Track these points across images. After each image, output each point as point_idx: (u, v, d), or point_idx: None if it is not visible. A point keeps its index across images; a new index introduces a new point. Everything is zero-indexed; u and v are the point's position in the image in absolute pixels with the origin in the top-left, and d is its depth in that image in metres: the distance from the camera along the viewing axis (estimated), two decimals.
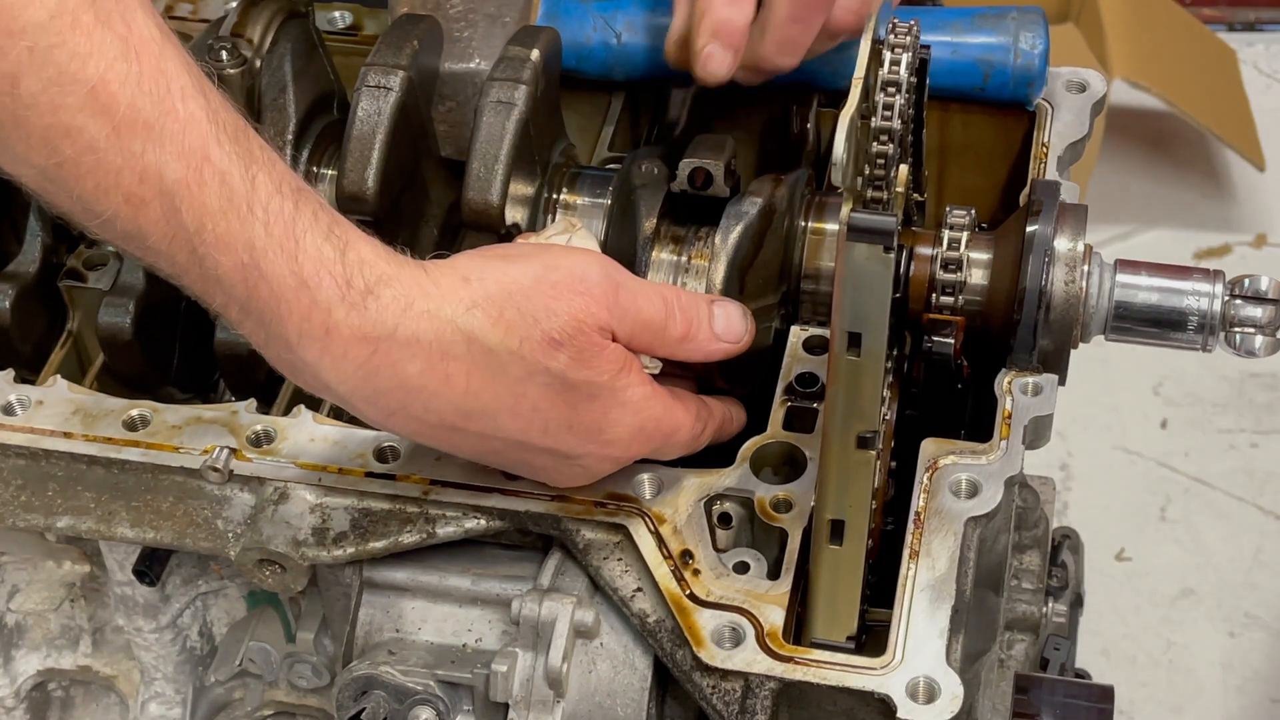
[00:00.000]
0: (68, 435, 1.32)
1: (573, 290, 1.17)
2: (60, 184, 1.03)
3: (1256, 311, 1.26)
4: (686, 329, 1.23)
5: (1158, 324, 1.29)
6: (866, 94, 1.13)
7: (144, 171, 1.03)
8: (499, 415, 1.16)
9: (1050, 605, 1.79)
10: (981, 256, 1.30)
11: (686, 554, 1.23)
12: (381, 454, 1.30)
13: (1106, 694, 1.55)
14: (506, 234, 1.40)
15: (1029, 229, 1.28)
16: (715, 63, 1.36)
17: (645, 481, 1.26)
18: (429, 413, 1.15)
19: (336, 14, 1.67)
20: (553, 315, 1.15)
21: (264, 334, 1.11)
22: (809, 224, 1.40)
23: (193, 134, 1.04)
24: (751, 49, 1.38)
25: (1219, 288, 1.27)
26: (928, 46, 1.36)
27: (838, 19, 1.35)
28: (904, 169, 1.29)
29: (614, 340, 1.19)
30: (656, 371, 1.24)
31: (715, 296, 1.29)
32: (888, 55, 1.17)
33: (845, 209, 1.08)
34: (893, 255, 1.06)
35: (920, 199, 1.43)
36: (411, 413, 1.15)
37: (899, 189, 1.28)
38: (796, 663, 1.17)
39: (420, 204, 1.45)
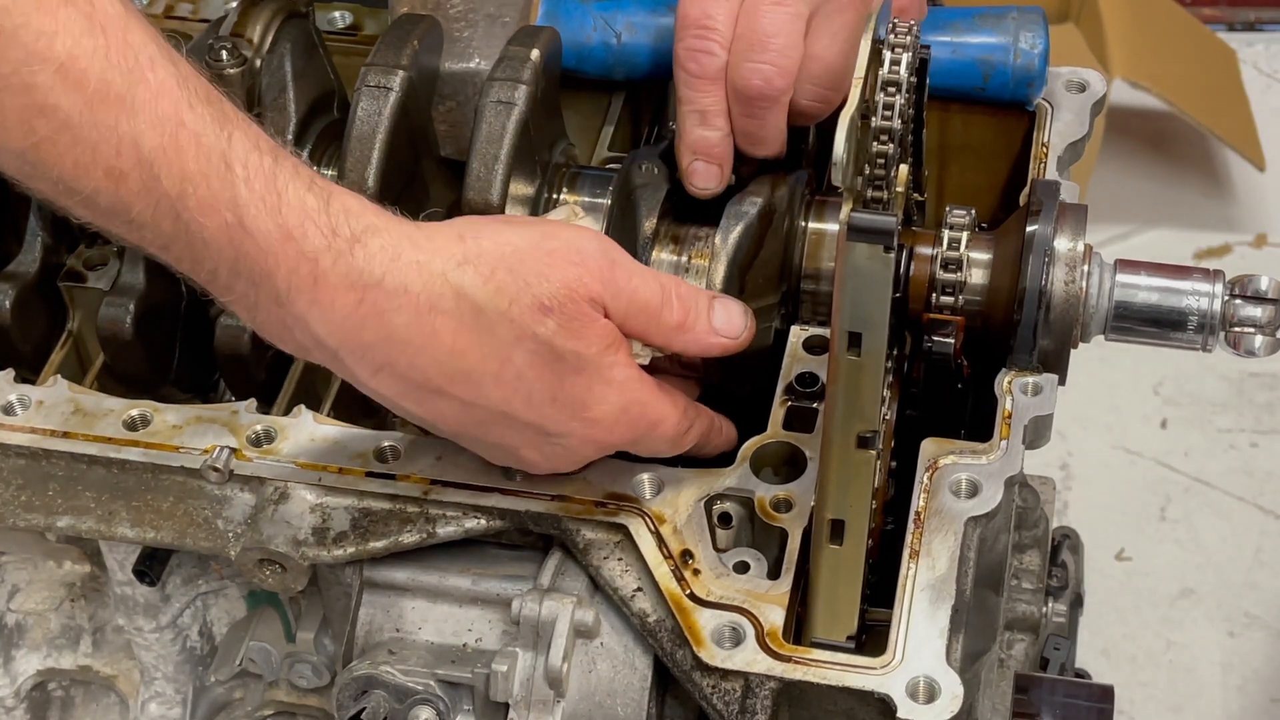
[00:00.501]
0: (68, 435, 1.32)
1: (567, 260, 1.16)
2: (39, 166, 1.03)
3: (1256, 311, 1.26)
4: (684, 318, 1.23)
5: (1158, 324, 1.29)
6: (866, 93, 1.13)
7: (120, 143, 1.03)
8: (483, 380, 1.15)
9: (1050, 605, 1.79)
10: (981, 256, 1.30)
11: (686, 554, 1.23)
12: (381, 454, 1.30)
13: (1106, 694, 1.55)
14: None
15: (1029, 229, 1.28)
16: (701, 177, 1.38)
17: (645, 481, 1.26)
18: (414, 370, 1.14)
19: (336, 14, 1.67)
20: (544, 280, 1.15)
21: (254, 294, 1.10)
22: (809, 224, 1.40)
23: (165, 101, 1.04)
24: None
25: (1219, 287, 1.28)
26: (928, 46, 1.36)
27: (800, 106, 1.37)
28: (904, 169, 1.29)
29: (606, 317, 1.18)
30: (646, 361, 1.23)
31: (716, 293, 1.28)
32: (888, 55, 1.17)
33: (845, 209, 1.08)
34: (893, 255, 1.06)
35: (920, 199, 1.43)
36: (397, 369, 1.14)
37: (899, 189, 1.28)
38: (796, 662, 1.17)
39: (420, 204, 1.45)
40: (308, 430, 1.32)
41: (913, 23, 1.19)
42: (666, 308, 1.22)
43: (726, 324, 1.25)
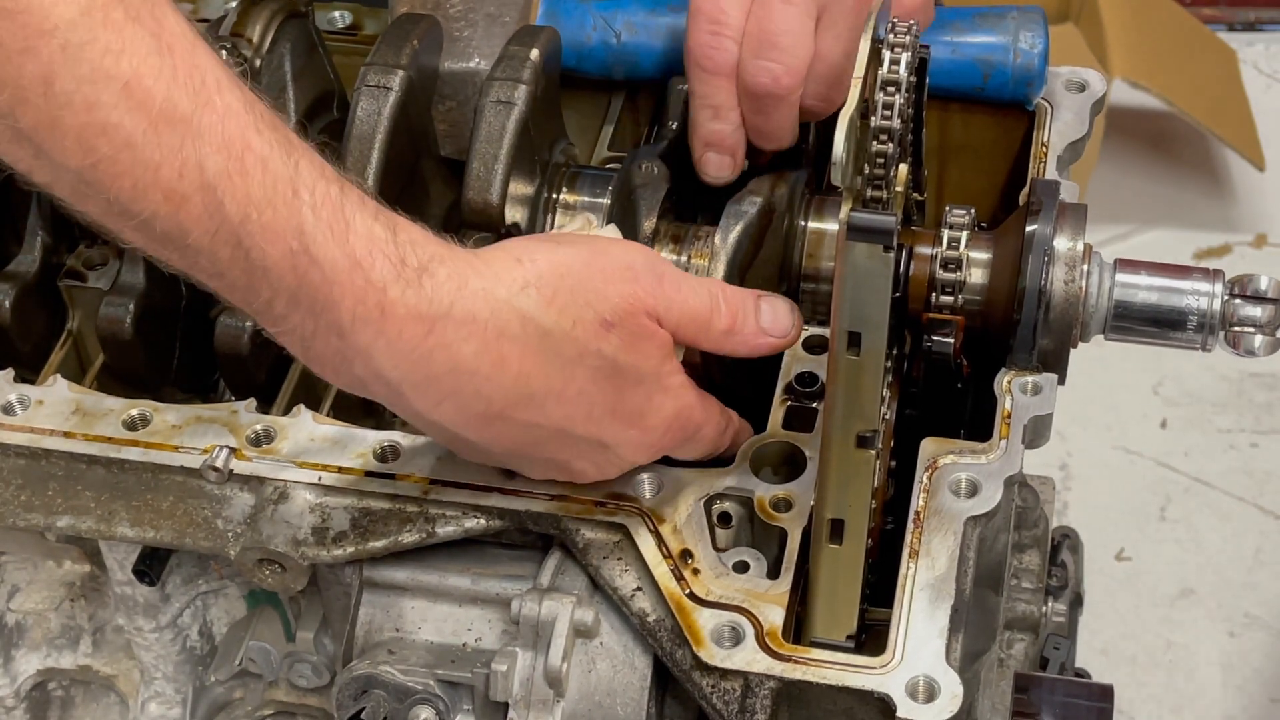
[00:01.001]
0: (68, 435, 1.32)
1: (621, 276, 1.17)
2: (96, 186, 1.01)
3: (1256, 311, 1.26)
4: (732, 322, 1.23)
5: (1157, 323, 1.29)
6: (866, 93, 1.13)
7: (183, 165, 1.01)
8: (547, 401, 1.15)
9: (1050, 605, 1.79)
10: (981, 256, 1.30)
11: (686, 553, 1.23)
12: (381, 453, 1.29)
13: (1106, 693, 1.55)
14: (506, 233, 1.40)
15: (1029, 228, 1.27)
16: (714, 167, 1.40)
17: (645, 481, 1.26)
18: (478, 399, 1.13)
19: (336, 14, 1.67)
20: (604, 299, 1.15)
21: (313, 325, 1.08)
22: (809, 223, 1.40)
23: (231, 124, 1.02)
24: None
25: (1219, 287, 1.27)
26: (927, 46, 1.36)
27: (806, 105, 1.38)
28: (904, 168, 1.29)
29: (660, 328, 1.19)
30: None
31: (762, 292, 1.28)
32: (887, 54, 1.17)
33: (845, 208, 1.08)
34: (892, 255, 1.06)
35: (920, 198, 1.43)
36: (461, 400, 1.13)
37: (899, 188, 1.28)
38: (796, 662, 1.17)
39: (420, 204, 1.45)
40: (307, 430, 1.32)
41: (912, 22, 1.19)
42: (716, 314, 1.22)
43: (774, 323, 1.25)
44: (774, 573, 1.23)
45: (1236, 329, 1.27)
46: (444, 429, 1.17)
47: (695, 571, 1.22)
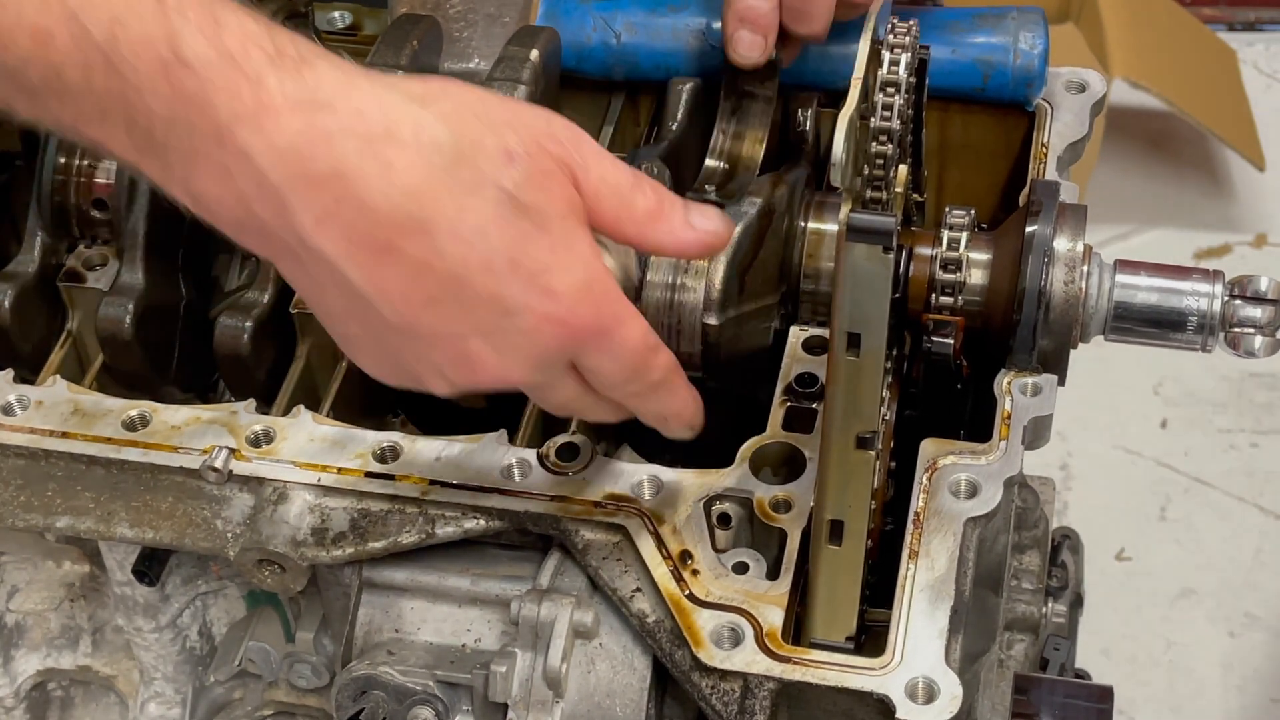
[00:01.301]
0: (67, 435, 1.32)
1: (536, 115, 1.11)
2: None
3: (1256, 312, 1.26)
4: (658, 206, 1.13)
5: (1157, 324, 1.29)
6: (866, 94, 1.13)
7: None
8: (439, 231, 1.05)
9: (1050, 605, 1.79)
10: (981, 257, 1.30)
11: (685, 554, 1.23)
12: (381, 454, 1.30)
13: (1106, 694, 1.55)
14: None
15: (1028, 229, 1.28)
16: (745, 45, 1.39)
17: (644, 482, 1.26)
18: (364, 214, 1.03)
19: (336, 14, 1.67)
20: (511, 129, 1.08)
21: (192, 139, 1.03)
22: (808, 224, 1.40)
23: None
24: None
25: (1219, 288, 1.28)
26: (927, 46, 1.36)
27: None
28: (903, 169, 1.29)
29: (576, 190, 1.10)
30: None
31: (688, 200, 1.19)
32: (887, 55, 1.17)
33: (845, 209, 1.08)
34: (892, 255, 1.06)
35: (920, 199, 1.43)
36: (345, 217, 1.03)
37: (898, 189, 1.28)
38: (795, 663, 1.17)
39: None
40: (307, 430, 1.32)
41: (912, 23, 1.19)
42: (639, 193, 1.13)
43: (702, 220, 1.15)
44: (773, 574, 1.23)
45: (1236, 330, 1.27)
46: (330, 268, 1.06)
47: (695, 572, 1.22)
